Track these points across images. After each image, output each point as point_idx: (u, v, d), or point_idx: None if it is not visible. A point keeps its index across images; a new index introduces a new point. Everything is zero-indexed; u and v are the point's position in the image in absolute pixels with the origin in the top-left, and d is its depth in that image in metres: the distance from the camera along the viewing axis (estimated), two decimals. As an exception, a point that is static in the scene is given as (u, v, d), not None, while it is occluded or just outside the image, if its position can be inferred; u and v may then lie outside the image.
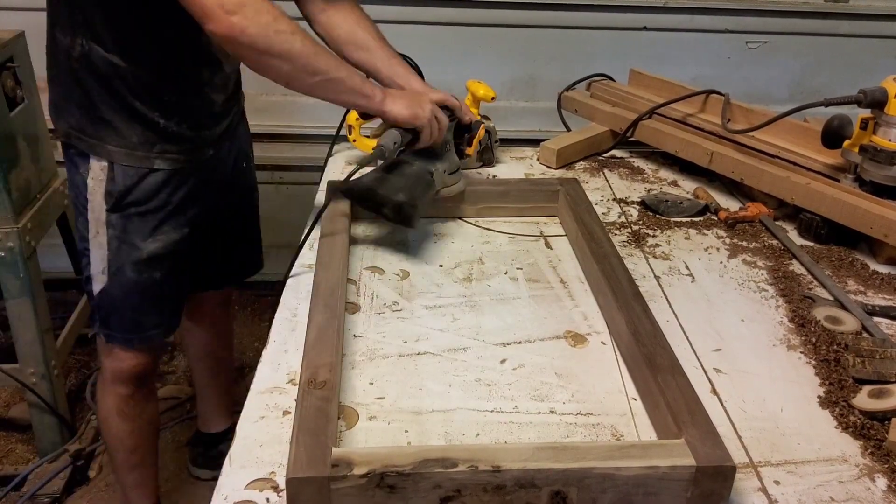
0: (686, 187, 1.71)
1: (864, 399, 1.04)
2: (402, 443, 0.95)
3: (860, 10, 2.70)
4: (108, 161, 1.41)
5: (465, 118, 1.51)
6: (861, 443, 0.98)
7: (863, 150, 1.44)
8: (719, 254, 1.43)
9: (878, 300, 1.30)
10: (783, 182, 1.53)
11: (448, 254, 1.40)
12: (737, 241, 1.48)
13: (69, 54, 1.35)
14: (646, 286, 1.29)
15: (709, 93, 1.79)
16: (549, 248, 1.43)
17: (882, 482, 0.92)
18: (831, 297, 1.29)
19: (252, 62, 1.24)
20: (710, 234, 1.51)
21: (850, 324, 1.20)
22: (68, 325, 2.37)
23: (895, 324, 1.24)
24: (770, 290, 1.31)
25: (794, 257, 1.42)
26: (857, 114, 1.45)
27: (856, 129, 1.45)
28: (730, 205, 1.63)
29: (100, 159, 1.41)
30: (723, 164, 1.64)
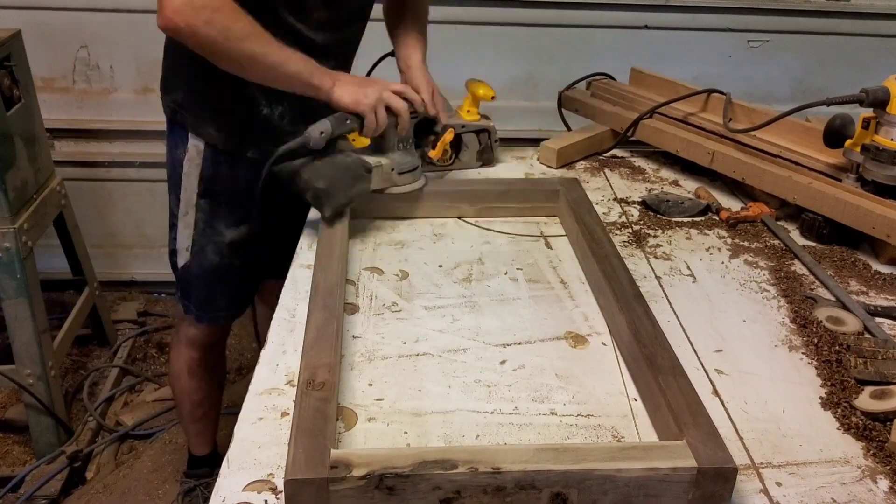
0: (687, 187, 1.71)
1: (866, 400, 1.03)
2: (402, 444, 0.94)
3: (862, 9, 2.70)
4: (205, 143, 1.49)
5: (430, 115, 1.47)
6: (863, 444, 0.97)
7: (865, 149, 1.43)
8: (721, 254, 1.43)
9: (880, 300, 1.29)
10: (785, 182, 1.52)
11: (448, 254, 1.39)
12: (738, 242, 1.47)
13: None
14: (647, 286, 1.29)
15: (710, 92, 1.78)
16: (550, 248, 1.42)
17: (884, 483, 0.91)
18: (833, 298, 1.28)
19: (207, 57, 1.30)
20: (712, 235, 1.50)
21: (852, 324, 1.20)
22: (65, 326, 2.36)
23: (897, 324, 1.23)
24: (772, 291, 1.31)
25: (796, 257, 1.41)
26: (859, 113, 1.44)
27: (858, 128, 1.44)
28: (731, 205, 1.62)
29: (198, 141, 1.49)
30: (724, 163, 1.64)
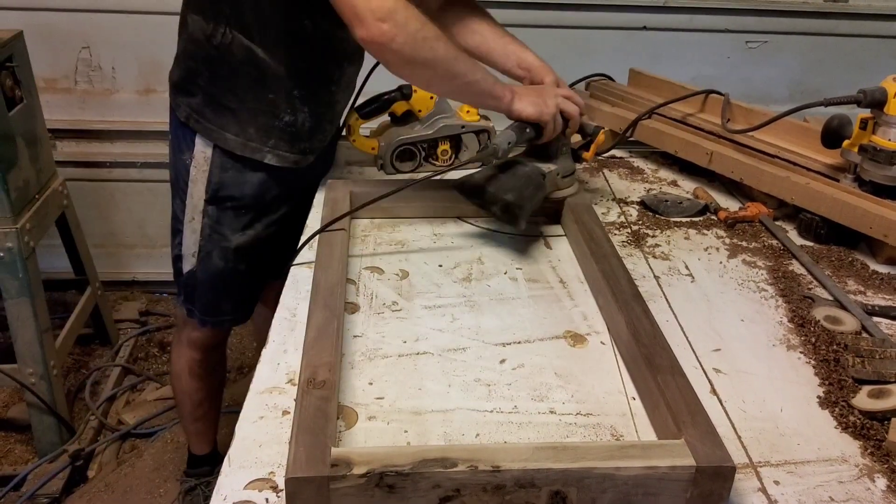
0: (686, 187, 1.71)
1: (863, 399, 1.04)
2: (402, 443, 0.95)
3: (860, 10, 2.71)
4: (214, 149, 1.48)
5: (584, 120, 1.48)
6: (861, 443, 0.98)
7: (862, 149, 1.44)
8: (719, 254, 1.43)
9: (877, 300, 1.30)
10: (783, 182, 1.53)
11: (447, 254, 1.39)
12: (736, 241, 1.48)
13: (209, 40, 1.40)
14: (645, 286, 1.29)
15: (708, 93, 1.78)
16: (549, 248, 1.43)
17: (882, 482, 0.92)
18: (831, 297, 1.29)
19: (396, 68, 1.27)
20: (710, 234, 1.51)
21: (849, 324, 1.20)
22: (67, 326, 2.37)
23: (895, 324, 1.23)
24: (770, 290, 1.31)
25: (794, 257, 1.42)
26: (857, 114, 1.44)
27: (855, 128, 1.45)
28: (729, 205, 1.63)
29: (205, 147, 1.48)
30: (722, 163, 1.64)
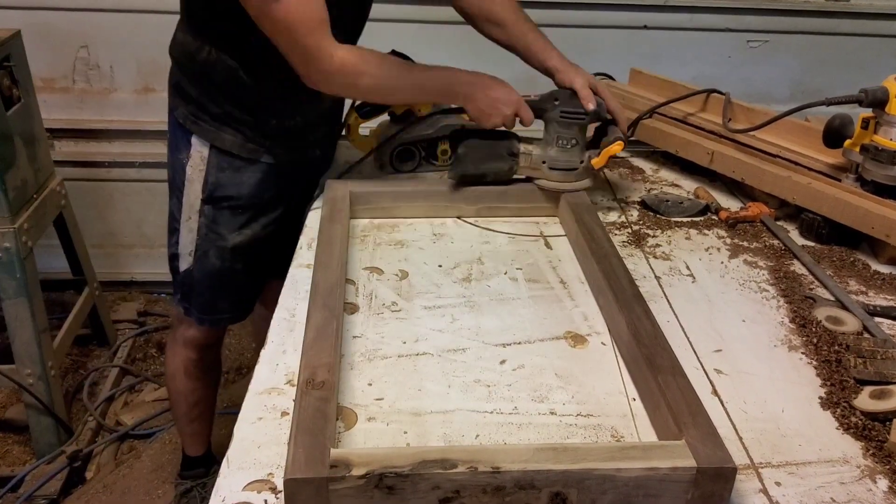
0: (686, 187, 1.71)
1: (865, 400, 1.03)
2: (401, 444, 0.94)
3: (861, 9, 2.70)
4: (211, 149, 1.50)
5: (603, 116, 1.46)
6: (862, 444, 0.97)
7: (864, 149, 1.43)
8: (720, 254, 1.43)
9: (879, 300, 1.29)
10: (784, 182, 1.53)
11: (447, 254, 1.39)
12: (738, 242, 1.47)
13: (194, 56, 1.44)
14: (646, 286, 1.29)
15: (709, 92, 1.78)
16: (549, 248, 1.42)
17: (883, 483, 0.91)
18: (832, 298, 1.28)
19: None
20: (711, 235, 1.50)
21: (851, 324, 1.20)
22: (65, 326, 2.37)
23: (897, 324, 1.23)
24: (771, 291, 1.31)
25: (796, 257, 1.41)
26: (859, 113, 1.44)
27: (857, 128, 1.44)
28: (731, 205, 1.62)
29: (202, 147, 1.50)
30: (723, 163, 1.64)
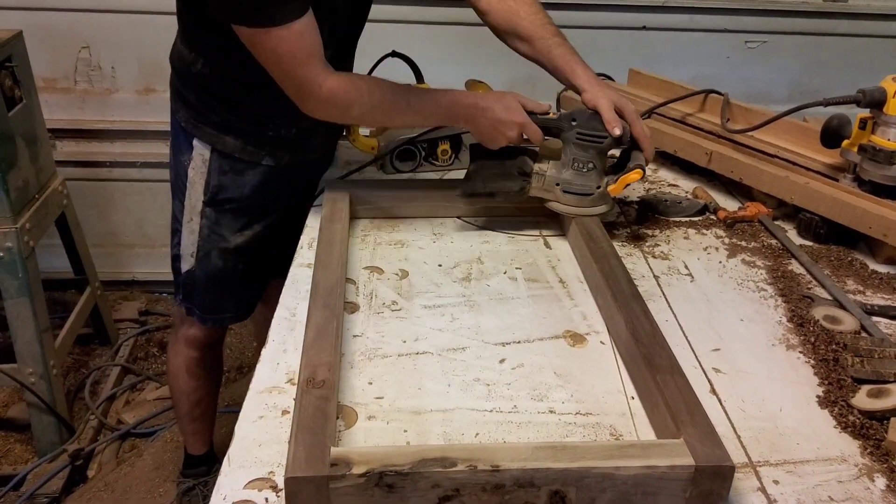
0: (685, 187, 1.71)
1: (862, 399, 1.04)
2: (401, 442, 0.95)
3: (859, 10, 2.71)
4: (212, 151, 1.50)
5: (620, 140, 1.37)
6: (860, 442, 0.98)
7: (862, 149, 1.44)
8: (718, 253, 1.43)
9: (876, 300, 1.30)
10: (782, 182, 1.53)
11: (447, 253, 1.39)
12: (736, 241, 1.48)
13: (190, 69, 1.45)
14: (645, 286, 1.29)
15: (708, 92, 1.78)
16: (549, 247, 1.43)
17: (881, 482, 0.92)
18: (830, 297, 1.29)
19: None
20: (710, 234, 1.51)
21: (848, 323, 1.20)
22: (67, 325, 2.37)
23: (894, 323, 1.24)
24: (769, 290, 1.31)
25: (793, 257, 1.42)
26: (856, 113, 1.44)
27: (855, 128, 1.45)
28: (729, 204, 1.63)
29: (204, 149, 1.51)
30: (722, 163, 1.64)
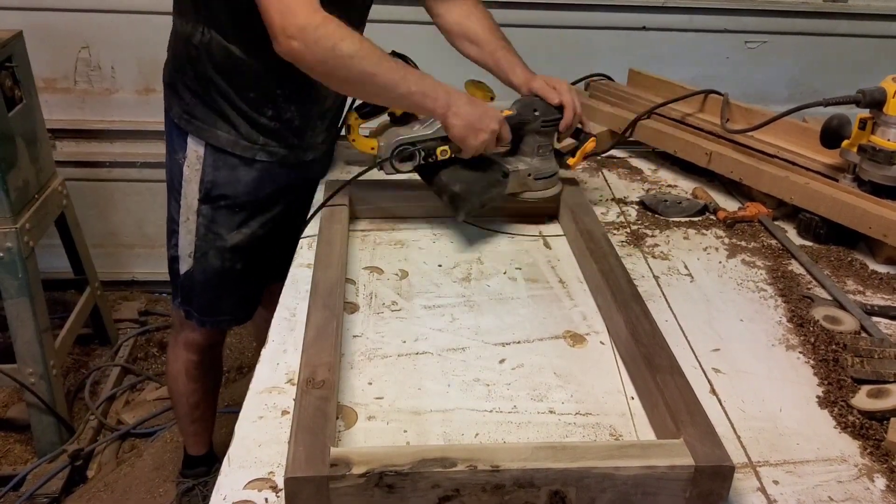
0: (685, 187, 1.71)
1: (862, 399, 1.04)
2: (401, 442, 0.95)
3: (859, 10, 2.70)
4: (206, 148, 1.49)
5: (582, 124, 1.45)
6: (860, 442, 0.98)
7: (861, 149, 1.44)
8: (718, 254, 1.43)
9: (876, 300, 1.30)
10: (782, 182, 1.53)
11: (447, 253, 1.39)
12: (736, 241, 1.48)
13: (189, 40, 1.42)
14: (645, 286, 1.29)
15: (708, 93, 1.79)
16: (548, 247, 1.43)
17: (881, 482, 0.92)
18: (830, 297, 1.29)
19: (319, 80, 1.31)
20: (709, 234, 1.51)
21: (848, 323, 1.20)
22: (67, 326, 2.37)
23: (894, 323, 1.24)
24: (769, 290, 1.31)
25: (793, 257, 1.42)
26: (856, 114, 1.45)
27: (854, 128, 1.45)
28: (729, 205, 1.63)
29: (198, 146, 1.49)
30: (722, 163, 1.64)
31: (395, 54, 1.67)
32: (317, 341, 1.01)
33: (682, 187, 1.71)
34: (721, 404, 1.03)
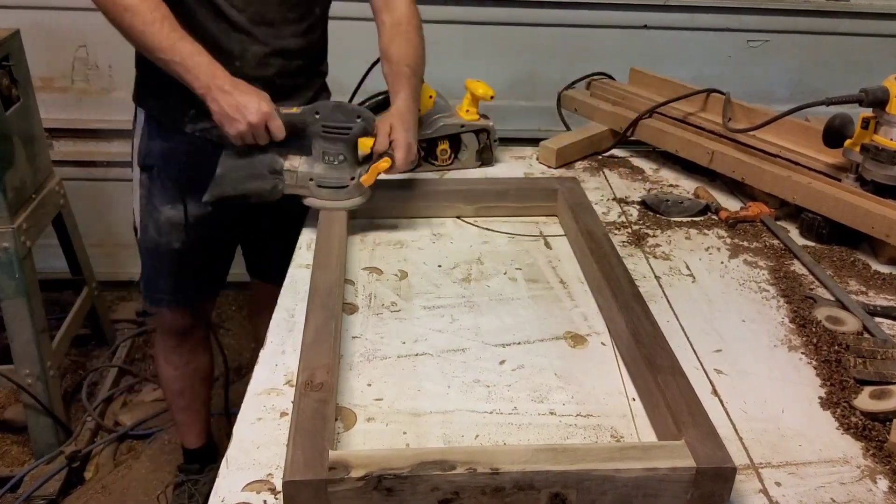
0: (686, 187, 1.71)
1: (865, 400, 1.03)
2: (401, 444, 0.94)
3: (861, 9, 2.70)
4: (145, 115, 1.51)
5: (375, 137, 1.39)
6: (862, 444, 0.97)
7: (864, 149, 1.43)
8: (720, 254, 1.43)
9: (879, 300, 1.29)
10: (784, 182, 1.52)
11: (447, 254, 1.39)
12: (738, 241, 1.47)
13: None
14: (646, 286, 1.29)
15: (709, 92, 1.78)
16: (549, 248, 1.42)
17: (883, 483, 0.91)
18: (832, 298, 1.28)
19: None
20: (711, 234, 1.50)
21: (851, 324, 1.19)
22: (64, 326, 2.36)
23: (897, 324, 1.23)
24: (771, 291, 1.31)
25: (796, 257, 1.41)
26: (859, 113, 1.44)
27: (857, 128, 1.44)
28: (731, 204, 1.62)
29: (140, 115, 1.52)
30: (724, 163, 1.64)
31: None
32: (315, 343, 1.01)
33: (683, 187, 1.71)
34: (723, 405, 1.03)
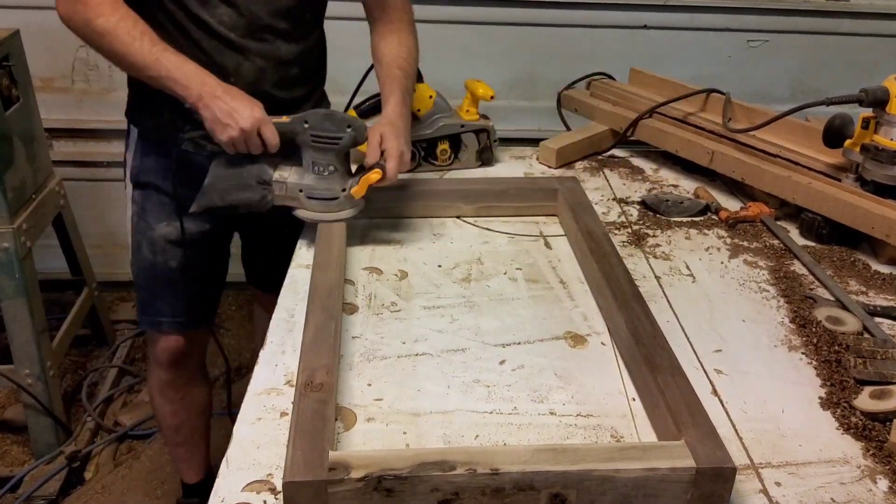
0: (687, 187, 1.71)
1: (865, 400, 1.03)
2: (401, 444, 0.94)
3: (861, 9, 2.70)
4: (138, 132, 1.49)
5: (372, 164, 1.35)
6: (862, 444, 0.97)
7: (864, 149, 1.43)
8: (720, 254, 1.43)
9: (879, 300, 1.29)
10: (784, 182, 1.52)
11: (447, 254, 1.39)
12: (738, 241, 1.47)
13: None
14: (646, 286, 1.29)
15: (709, 92, 1.78)
16: (549, 248, 1.42)
17: (884, 484, 0.91)
18: (833, 298, 1.28)
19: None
20: (711, 234, 1.50)
21: (851, 324, 1.19)
22: (64, 326, 2.36)
23: (897, 324, 1.23)
24: (771, 291, 1.31)
25: (796, 257, 1.41)
26: (859, 113, 1.44)
27: (857, 128, 1.44)
28: (731, 204, 1.62)
29: (133, 130, 1.50)
30: (724, 163, 1.63)
31: None
32: (315, 343, 1.01)
33: (683, 187, 1.71)
34: (723, 405, 1.03)
